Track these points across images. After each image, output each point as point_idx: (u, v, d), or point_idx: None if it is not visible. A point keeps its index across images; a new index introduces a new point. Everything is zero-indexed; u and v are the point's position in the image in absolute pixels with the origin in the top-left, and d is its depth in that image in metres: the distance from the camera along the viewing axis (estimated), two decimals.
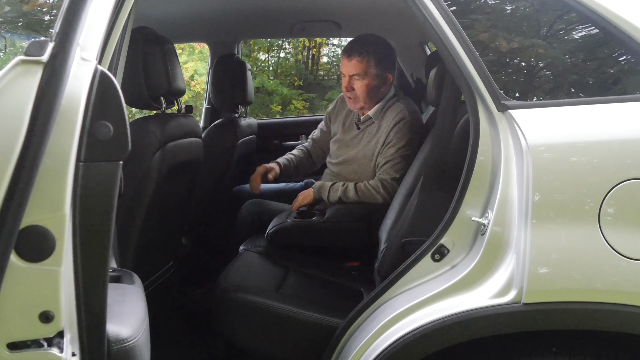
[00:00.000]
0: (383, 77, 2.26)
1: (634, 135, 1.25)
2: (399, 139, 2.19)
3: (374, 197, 2.17)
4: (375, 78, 2.24)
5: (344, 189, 2.23)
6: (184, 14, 2.72)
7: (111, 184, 1.00)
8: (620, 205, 1.22)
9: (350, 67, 2.24)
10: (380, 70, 2.24)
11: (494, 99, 1.31)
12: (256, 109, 8.35)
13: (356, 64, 2.22)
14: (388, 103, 2.30)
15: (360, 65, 2.22)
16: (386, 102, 2.30)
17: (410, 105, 2.29)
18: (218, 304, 1.82)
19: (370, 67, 2.22)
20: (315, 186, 2.32)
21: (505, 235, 1.28)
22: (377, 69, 2.23)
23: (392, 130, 2.21)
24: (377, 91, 2.27)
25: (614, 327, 1.26)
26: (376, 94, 2.28)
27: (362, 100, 2.28)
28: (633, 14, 1.35)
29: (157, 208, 1.86)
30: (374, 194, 2.17)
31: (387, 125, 2.24)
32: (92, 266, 1.01)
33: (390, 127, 2.21)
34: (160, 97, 1.86)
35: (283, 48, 9.76)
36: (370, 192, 2.18)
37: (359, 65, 2.22)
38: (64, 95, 0.92)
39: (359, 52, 2.21)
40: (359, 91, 2.25)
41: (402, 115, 2.21)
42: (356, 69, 2.23)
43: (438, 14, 1.32)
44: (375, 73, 2.23)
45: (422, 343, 1.29)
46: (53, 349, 0.98)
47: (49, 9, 1.98)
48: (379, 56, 2.23)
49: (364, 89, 2.24)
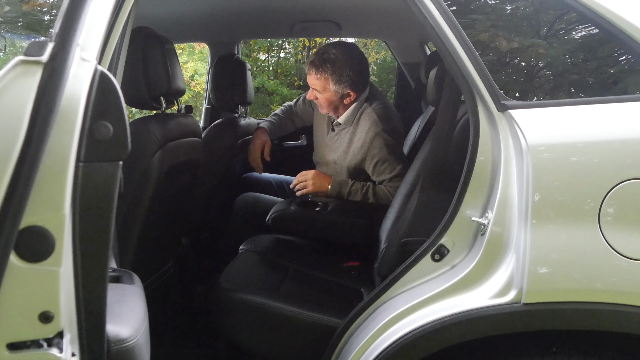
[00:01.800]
0: (343, 93, 2.19)
1: (634, 135, 1.25)
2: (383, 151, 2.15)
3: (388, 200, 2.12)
4: (334, 94, 2.19)
5: (364, 194, 2.20)
6: (184, 14, 2.72)
7: (111, 184, 0.99)
8: (620, 205, 1.21)
9: (310, 79, 2.21)
10: (340, 88, 2.17)
11: (494, 99, 1.31)
12: (256, 109, 8.35)
13: (314, 80, 2.19)
14: (361, 108, 2.24)
15: (318, 81, 2.18)
16: (358, 107, 2.25)
17: (380, 111, 2.21)
18: (218, 303, 1.82)
19: (328, 84, 2.17)
20: (334, 181, 2.25)
21: (505, 235, 1.28)
22: (335, 87, 2.17)
23: (371, 146, 2.16)
24: (341, 103, 2.23)
25: (614, 327, 1.26)
26: (340, 105, 2.24)
27: (326, 110, 2.26)
28: (633, 14, 1.35)
29: (157, 208, 1.86)
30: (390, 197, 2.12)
31: (362, 138, 2.19)
32: (92, 266, 1.01)
33: (369, 143, 2.17)
34: (160, 97, 1.86)
35: (283, 48, 9.77)
36: (387, 197, 2.15)
37: (317, 81, 2.18)
38: (63, 96, 0.92)
39: (317, 67, 2.16)
40: (322, 102, 2.23)
41: (376, 128, 2.16)
42: (314, 84, 2.20)
43: (438, 14, 1.32)
44: (334, 90, 2.18)
45: (422, 343, 1.29)
46: (53, 349, 0.98)
47: (49, 9, 1.98)
48: (337, 75, 2.15)
49: (325, 101, 2.22)
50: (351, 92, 2.19)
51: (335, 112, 2.27)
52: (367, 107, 2.23)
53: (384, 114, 2.22)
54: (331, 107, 2.24)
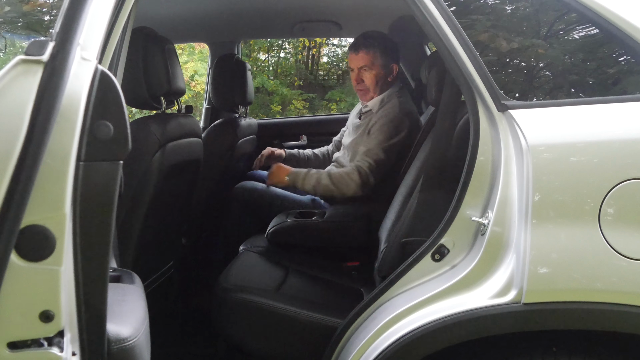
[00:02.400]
0: (389, 67, 2.37)
1: (634, 135, 1.26)
2: (383, 133, 2.25)
3: (347, 185, 2.22)
4: (382, 68, 2.36)
5: (318, 177, 2.28)
6: (184, 14, 2.72)
7: (111, 184, 1.00)
8: (620, 205, 1.22)
9: (358, 60, 2.37)
10: (386, 60, 2.35)
11: (494, 99, 1.31)
12: (256, 109, 8.35)
13: (363, 56, 2.35)
14: (389, 97, 2.37)
15: (367, 57, 2.34)
16: (388, 95, 2.38)
17: (404, 105, 2.34)
18: (218, 304, 1.82)
19: (377, 58, 2.34)
20: (291, 172, 2.37)
21: (505, 235, 1.28)
22: (382, 59, 2.35)
23: (379, 123, 2.28)
24: (385, 80, 2.39)
25: (614, 327, 1.26)
26: (385, 83, 2.39)
27: (372, 91, 2.39)
28: (633, 14, 1.35)
29: (157, 208, 1.86)
30: (348, 181, 2.22)
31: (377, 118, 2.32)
32: (92, 266, 1.01)
33: (378, 121, 2.29)
34: (160, 97, 1.86)
35: (283, 48, 9.77)
36: (344, 179, 2.23)
37: (366, 57, 2.35)
38: (64, 95, 0.92)
39: (365, 45, 2.35)
40: (368, 82, 2.37)
41: (394, 114, 2.28)
42: (364, 61, 2.35)
43: (438, 14, 1.32)
44: (382, 63, 2.35)
45: (422, 343, 1.29)
46: (53, 349, 0.98)
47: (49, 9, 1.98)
48: (383, 48, 2.35)
49: (373, 79, 2.36)
50: (394, 66, 2.38)
51: (377, 93, 2.39)
52: (395, 98, 2.37)
53: (405, 107, 2.34)
54: (378, 86, 2.37)
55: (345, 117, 2.86)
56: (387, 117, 2.28)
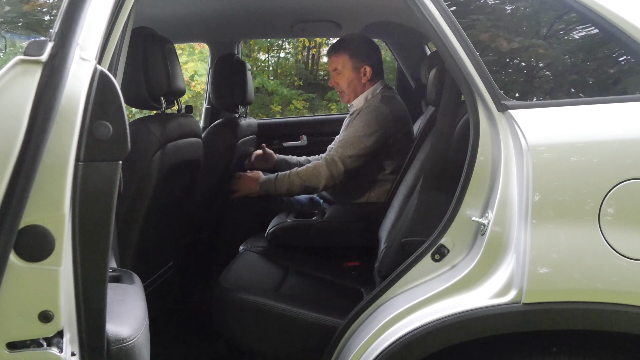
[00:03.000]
0: (360, 69, 2.39)
1: (634, 135, 1.25)
2: (359, 123, 2.28)
3: (316, 178, 2.25)
4: (352, 70, 2.39)
5: (289, 179, 2.31)
6: (184, 14, 2.72)
7: (111, 184, 0.99)
8: (620, 205, 1.21)
9: (330, 63, 2.46)
10: (356, 62, 2.39)
11: (494, 99, 1.30)
12: (256, 109, 8.34)
13: (334, 60, 2.43)
14: (373, 93, 2.40)
15: (337, 59, 2.41)
16: (372, 91, 2.41)
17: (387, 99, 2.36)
18: (218, 304, 1.82)
19: (346, 61, 2.39)
20: (260, 181, 2.40)
21: (505, 235, 1.28)
22: (351, 62, 2.39)
23: (358, 117, 2.32)
24: (359, 82, 2.41)
25: (614, 327, 1.26)
26: (358, 85, 2.42)
27: (346, 93, 2.44)
28: (633, 14, 1.35)
29: (157, 208, 1.86)
30: (316, 175, 2.25)
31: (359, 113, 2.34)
32: (91, 266, 1.01)
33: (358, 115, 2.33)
34: (160, 97, 1.86)
35: (283, 48, 9.76)
36: (312, 173, 2.26)
37: (336, 60, 2.42)
38: (63, 95, 0.92)
39: (334, 49, 2.44)
40: (342, 84, 2.43)
41: (373, 106, 2.31)
42: (335, 64, 2.43)
43: (438, 14, 1.32)
44: (351, 66, 2.39)
45: (422, 343, 1.29)
46: (52, 349, 0.98)
47: (49, 9, 1.98)
48: (353, 51, 2.39)
49: (345, 81, 2.42)
50: (367, 68, 2.39)
51: (353, 95, 2.44)
52: (379, 93, 2.40)
53: (388, 101, 2.35)
54: (351, 88, 2.42)
55: (345, 117, 2.85)
56: (366, 109, 2.31)
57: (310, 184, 2.28)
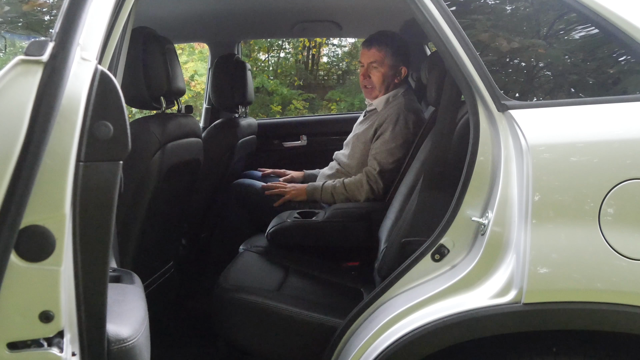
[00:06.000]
0: (397, 68, 2.40)
1: (634, 135, 1.25)
2: (389, 134, 2.29)
3: (358, 191, 2.29)
4: (390, 68, 2.39)
5: (334, 189, 2.36)
6: (184, 14, 2.72)
7: (111, 184, 1.00)
8: (620, 205, 1.21)
9: (369, 55, 2.41)
10: (395, 61, 2.39)
11: (494, 99, 1.31)
12: (256, 109, 8.34)
13: (375, 53, 2.39)
14: (395, 97, 2.41)
15: (379, 54, 2.38)
16: (394, 95, 2.41)
17: (410, 103, 2.37)
18: (218, 304, 1.82)
19: (387, 57, 2.38)
20: (309, 187, 2.44)
21: (505, 235, 1.28)
22: (392, 60, 2.38)
23: (384, 124, 2.32)
24: (392, 81, 2.42)
25: (614, 327, 1.26)
26: (390, 83, 2.42)
27: (377, 89, 2.43)
28: (633, 14, 1.35)
29: (157, 208, 1.86)
30: (359, 187, 2.28)
31: (383, 118, 2.35)
32: (92, 266, 1.01)
33: (383, 121, 2.33)
34: (160, 97, 1.86)
35: (283, 48, 9.76)
36: (355, 185, 2.30)
37: (377, 54, 2.38)
38: (64, 95, 0.92)
39: (378, 42, 2.39)
40: (375, 79, 2.41)
41: (398, 112, 2.31)
42: (374, 57, 2.39)
43: (438, 14, 1.32)
44: (391, 63, 2.39)
45: (422, 343, 1.29)
46: (53, 349, 0.98)
47: (49, 9, 1.98)
48: (395, 48, 2.39)
49: (380, 77, 2.40)
50: (403, 69, 2.41)
51: (382, 92, 2.43)
52: (401, 97, 2.40)
53: (411, 105, 2.37)
54: (384, 84, 2.41)
55: (345, 117, 2.86)
56: (393, 117, 2.31)
57: (352, 197, 2.32)
